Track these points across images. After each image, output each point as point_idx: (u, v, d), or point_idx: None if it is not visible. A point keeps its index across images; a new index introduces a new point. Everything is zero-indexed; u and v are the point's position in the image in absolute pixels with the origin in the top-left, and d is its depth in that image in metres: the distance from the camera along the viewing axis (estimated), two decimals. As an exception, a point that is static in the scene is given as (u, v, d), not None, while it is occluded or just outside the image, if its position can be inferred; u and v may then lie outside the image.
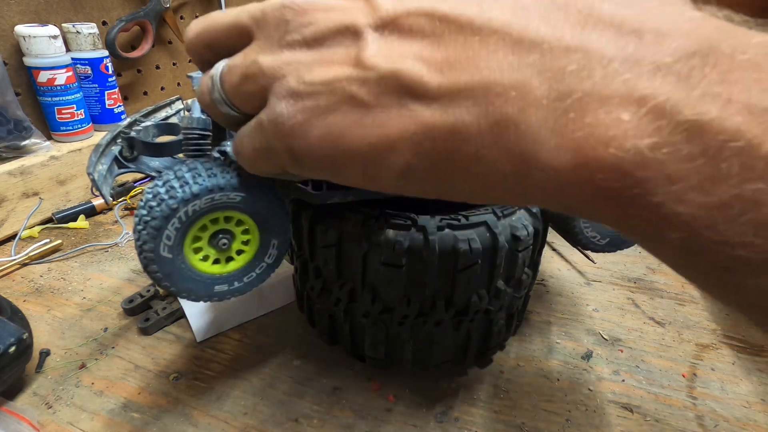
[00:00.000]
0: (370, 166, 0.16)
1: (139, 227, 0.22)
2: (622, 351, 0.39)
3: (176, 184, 0.22)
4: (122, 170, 0.28)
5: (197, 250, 0.24)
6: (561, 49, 0.13)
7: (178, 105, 0.36)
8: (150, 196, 0.22)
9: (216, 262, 0.25)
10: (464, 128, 0.14)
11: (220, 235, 0.24)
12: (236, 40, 0.19)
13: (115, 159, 0.28)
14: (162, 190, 0.22)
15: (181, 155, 0.27)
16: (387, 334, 0.33)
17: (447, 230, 0.28)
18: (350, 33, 0.16)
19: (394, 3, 0.16)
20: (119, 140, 0.29)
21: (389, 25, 0.15)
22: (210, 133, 0.26)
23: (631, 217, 0.13)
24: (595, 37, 0.13)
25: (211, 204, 0.22)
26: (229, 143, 0.27)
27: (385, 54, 0.15)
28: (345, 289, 0.32)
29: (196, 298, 0.25)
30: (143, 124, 0.30)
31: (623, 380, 0.36)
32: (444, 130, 0.14)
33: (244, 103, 0.19)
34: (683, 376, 0.37)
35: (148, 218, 0.22)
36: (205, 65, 0.21)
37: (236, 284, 0.26)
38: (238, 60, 0.19)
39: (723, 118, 0.11)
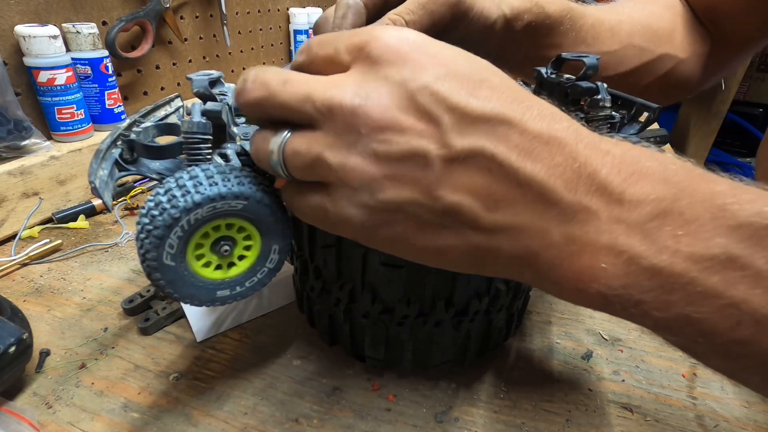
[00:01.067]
0: (423, 258, 0.21)
1: (142, 236, 0.22)
2: (622, 351, 0.39)
3: (178, 193, 0.22)
4: (123, 173, 0.28)
5: (199, 257, 0.24)
6: (573, 209, 0.18)
7: (177, 102, 0.35)
8: (152, 204, 0.22)
9: (218, 268, 0.25)
10: (501, 250, 0.19)
11: (222, 242, 0.24)
12: (297, 120, 0.20)
13: (116, 162, 0.28)
14: (164, 198, 0.22)
15: (183, 156, 0.27)
16: (387, 335, 0.33)
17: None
18: (421, 159, 0.18)
19: (462, 139, 0.18)
20: (119, 143, 0.29)
21: (456, 160, 0.18)
22: (211, 137, 0.26)
23: (612, 312, 0.19)
24: (595, 201, 0.18)
25: (213, 212, 0.22)
26: (229, 145, 0.27)
27: (450, 187, 0.18)
28: (345, 289, 0.32)
29: (199, 304, 0.25)
30: (143, 125, 0.30)
31: (623, 380, 0.36)
32: (487, 249, 0.19)
33: (302, 178, 0.21)
34: (683, 376, 0.37)
35: (151, 227, 0.21)
36: (256, 121, 0.22)
37: (238, 289, 0.26)
38: (303, 147, 0.20)
39: (672, 264, 0.17)
